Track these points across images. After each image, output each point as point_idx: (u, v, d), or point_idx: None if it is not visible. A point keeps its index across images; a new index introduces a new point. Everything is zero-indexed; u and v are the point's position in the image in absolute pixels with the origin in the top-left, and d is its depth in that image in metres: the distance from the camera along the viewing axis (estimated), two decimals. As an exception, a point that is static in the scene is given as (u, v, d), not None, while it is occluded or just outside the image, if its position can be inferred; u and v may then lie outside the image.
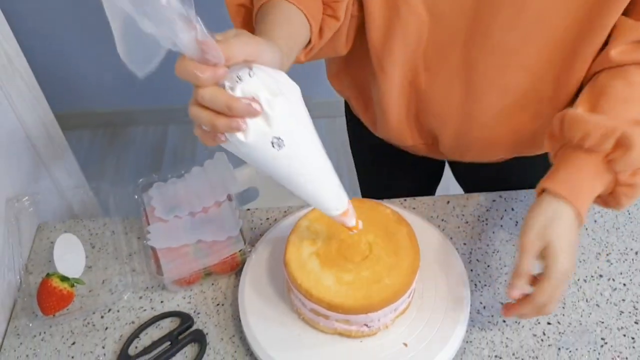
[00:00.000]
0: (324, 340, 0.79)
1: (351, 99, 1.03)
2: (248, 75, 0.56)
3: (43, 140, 1.06)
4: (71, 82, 2.45)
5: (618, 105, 0.71)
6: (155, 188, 0.97)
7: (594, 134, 0.70)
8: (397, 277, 0.76)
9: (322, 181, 0.67)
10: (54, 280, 0.84)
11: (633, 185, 0.72)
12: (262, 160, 0.60)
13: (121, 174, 2.44)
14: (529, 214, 0.73)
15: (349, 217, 0.73)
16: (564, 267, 0.69)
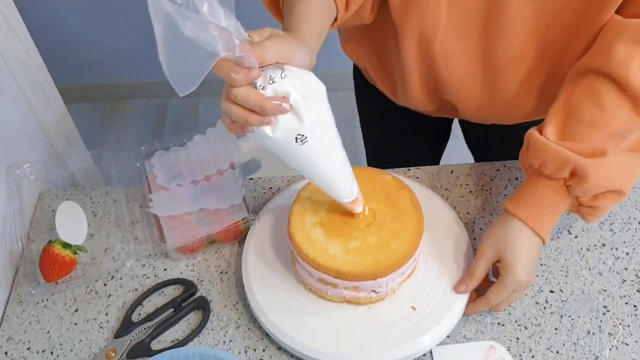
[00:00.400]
0: (331, 307, 0.79)
1: (368, 67, 1.03)
2: (280, 77, 0.60)
3: (44, 108, 1.05)
4: (70, 55, 2.42)
5: (583, 130, 0.74)
6: (157, 156, 0.97)
7: (550, 164, 0.74)
8: (403, 241, 0.76)
9: (338, 172, 0.71)
10: (56, 247, 0.84)
11: (595, 207, 0.76)
12: (284, 152, 0.65)
13: (122, 148, 2.43)
14: (491, 225, 0.80)
15: (357, 205, 0.77)
16: (519, 277, 0.75)
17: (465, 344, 0.79)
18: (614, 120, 0.72)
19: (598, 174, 0.72)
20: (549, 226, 0.77)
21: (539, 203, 0.76)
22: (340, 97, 2.55)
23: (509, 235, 0.77)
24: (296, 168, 0.68)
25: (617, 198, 0.75)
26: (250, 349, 0.79)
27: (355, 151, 2.37)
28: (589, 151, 0.72)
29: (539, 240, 0.77)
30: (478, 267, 0.79)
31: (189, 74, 0.53)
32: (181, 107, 2.56)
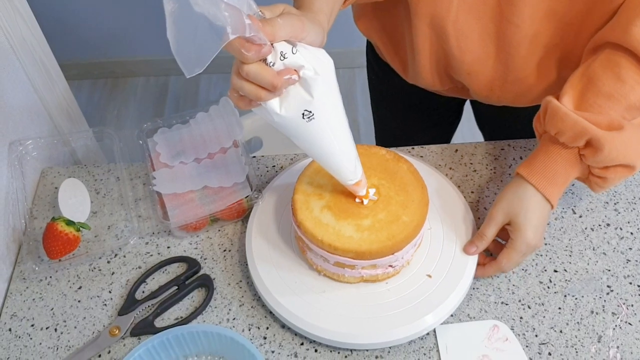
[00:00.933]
0: (333, 286, 0.79)
1: (379, 44, 1.02)
2: (291, 53, 0.59)
3: (45, 85, 1.04)
4: (71, 31, 2.40)
5: (601, 101, 0.73)
6: (160, 133, 0.96)
7: (567, 133, 0.74)
8: (413, 212, 0.77)
9: (343, 152, 0.70)
10: (59, 224, 0.84)
11: (604, 178, 0.77)
12: (290, 128, 0.64)
13: (122, 126, 2.42)
14: (503, 189, 0.81)
15: (360, 187, 0.76)
16: (528, 240, 0.77)
17: (468, 323, 0.79)
18: (632, 93, 0.72)
19: (613, 147, 0.72)
20: (559, 192, 0.78)
21: (552, 170, 0.77)
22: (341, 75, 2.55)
23: (521, 200, 0.78)
24: (301, 146, 0.68)
25: (628, 172, 0.75)
26: (254, 327, 0.80)
27: (356, 131, 2.36)
28: (606, 124, 0.72)
29: (548, 205, 0.78)
30: (489, 229, 0.80)
31: (197, 54, 0.52)
32: (182, 85, 2.55)
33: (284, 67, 0.59)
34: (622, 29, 0.72)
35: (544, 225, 0.79)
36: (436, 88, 1.00)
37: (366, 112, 2.37)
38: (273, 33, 0.57)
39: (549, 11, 0.78)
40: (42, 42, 1.02)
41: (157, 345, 0.74)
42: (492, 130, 1.16)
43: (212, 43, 0.52)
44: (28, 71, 1.00)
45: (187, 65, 0.53)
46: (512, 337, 0.78)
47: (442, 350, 0.77)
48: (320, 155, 0.70)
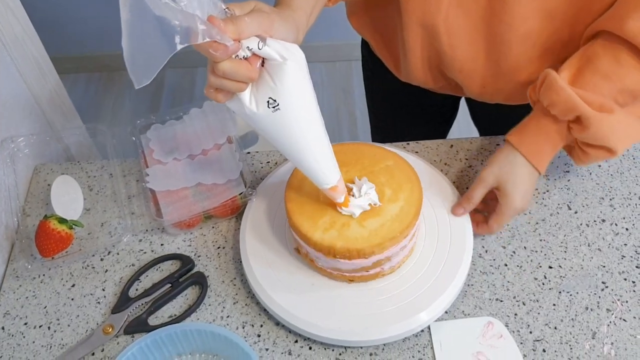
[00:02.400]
0: (328, 283, 0.79)
1: (371, 40, 1.02)
2: (257, 48, 0.60)
3: (37, 80, 1.03)
4: (65, 25, 2.39)
5: (597, 79, 0.74)
6: (153, 130, 0.96)
7: (559, 106, 0.75)
8: (408, 207, 0.76)
9: (314, 152, 0.69)
10: (52, 222, 0.83)
11: (586, 154, 0.79)
12: (257, 120, 0.64)
13: (118, 120, 2.41)
14: (494, 154, 0.83)
15: (337, 193, 0.74)
16: (515, 204, 0.80)
17: (463, 319, 0.79)
18: (629, 76, 0.73)
19: (599, 128, 0.73)
20: (547, 161, 0.81)
21: (542, 140, 0.80)
22: (338, 68, 2.54)
23: (511, 167, 0.80)
24: (270, 141, 0.67)
25: (609, 155, 0.77)
26: (248, 325, 0.79)
27: (354, 125, 2.36)
28: (598, 104, 0.73)
29: (536, 173, 0.81)
30: (476, 192, 0.82)
31: (146, 64, 0.53)
32: (178, 78, 2.54)
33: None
34: (618, 20, 0.72)
35: (531, 191, 0.82)
36: (429, 86, 0.99)
37: (363, 106, 2.36)
38: (238, 32, 0.58)
39: (541, 10, 0.77)
40: (34, 37, 1.01)
41: (150, 343, 0.73)
42: (488, 125, 1.16)
43: (161, 53, 0.53)
44: (20, 67, 0.99)
45: (136, 76, 0.53)
46: (507, 334, 0.77)
47: (436, 347, 0.76)
48: (289, 153, 0.69)
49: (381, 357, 0.76)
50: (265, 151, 0.99)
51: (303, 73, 0.64)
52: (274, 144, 0.68)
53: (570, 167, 0.94)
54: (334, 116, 2.35)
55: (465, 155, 0.96)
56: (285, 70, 0.62)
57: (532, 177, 0.81)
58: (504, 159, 0.81)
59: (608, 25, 0.74)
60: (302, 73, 0.64)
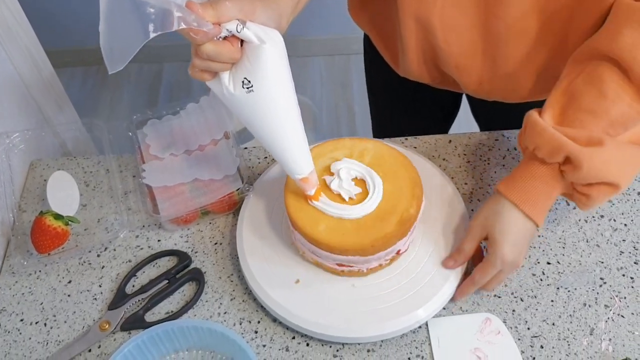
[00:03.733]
0: (326, 279, 0.79)
1: (371, 34, 1.02)
2: (236, 30, 0.62)
3: (32, 74, 1.02)
4: (62, 18, 2.38)
5: (582, 116, 0.70)
6: (150, 125, 0.95)
7: (544, 147, 0.71)
8: (407, 204, 0.75)
9: (287, 139, 0.70)
10: (47, 218, 0.83)
11: (588, 196, 0.73)
12: (232, 102, 0.66)
13: (115, 114, 2.40)
14: (483, 204, 0.79)
15: (308, 185, 0.74)
16: (504, 257, 0.74)
17: (460, 315, 0.79)
18: (614, 108, 0.69)
19: (592, 164, 0.69)
20: (542, 209, 0.75)
21: (531, 186, 0.74)
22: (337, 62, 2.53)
23: (498, 215, 0.75)
24: (246, 124, 0.69)
25: (612, 190, 0.72)
26: (245, 321, 0.79)
27: (352, 120, 2.35)
28: (585, 139, 0.69)
29: (530, 223, 0.75)
30: (466, 244, 0.78)
31: (121, 50, 0.54)
32: (176, 72, 2.53)
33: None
34: (610, 37, 0.70)
35: (523, 243, 0.76)
36: (426, 81, 0.99)
37: (362, 100, 2.36)
38: (217, 16, 0.59)
39: (536, 6, 0.76)
40: (28, 30, 1.00)
41: (147, 340, 0.73)
42: (488, 121, 1.15)
43: (135, 40, 0.54)
44: (14, 61, 0.98)
45: (111, 61, 0.55)
46: (505, 330, 0.77)
47: (434, 343, 0.76)
48: (262, 137, 0.70)
49: (379, 354, 0.76)
50: (263, 147, 0.98)
51: (280, 58, 0.65)
52: (249, 127, 0.69)
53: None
54: (333, 111, 2.34)
55: (463, 151, 0.96)
56: (261, 52, 0.63)
57: (524, 227, 0.75)
58: (490, 208, 0.77)
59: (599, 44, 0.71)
60: (280, 58, 0.65)
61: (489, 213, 0.76)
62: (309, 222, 0.75)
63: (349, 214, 0.74)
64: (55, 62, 1.09)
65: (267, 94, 0.65)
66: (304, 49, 2.49)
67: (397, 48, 0.95)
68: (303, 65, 2.49)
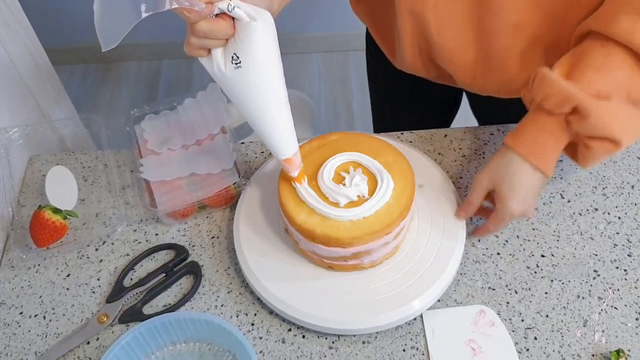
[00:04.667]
0: (322, 272, 0.80)
1: (370, 26, 1.03)
2: (227, 10, 0.63)
3: (30, 70, 1.03)
4: (61, 15, 2.38)
5: (590, 73, 0.71)
6: (147, 120, 0.96)
7: (553, 98, 0.72)
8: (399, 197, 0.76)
9: (272, 119, 0.71)
10: (46, 212, 0.83)
11: (589, 148, 0.74)
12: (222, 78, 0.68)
13: (115, 111, 2.41)
14: (491, 158, 0.80)
15: (291, 166, 0.76)
16: (511, 208, 0.77)
17: (455, 308, 0.79)
18: (621, 70, 0.70)
19: (599, 115, 0.69)
20: (551, 160, 0.76)
21: (540, 138, 0.75)
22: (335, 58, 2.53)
23: (505, 168, 0.77)
24: (234, 102, 0.70)
25: (613, 148, 0.73)
26: (242, 313, 0.80)
27: (350, 116, 2.36)
28: (594, 92, 0.70)
29: (539, 174, 0.76)
30: (474, 195, 0.81)
31: (114, 29, 0.56)
32: (175, 69, 2.54)
33: None
34: (607, 20, 0.71)
35: (533, 193, 0.77)
36: (422, 74, 0.99)
37: (361, 97, 2.36)
38: None
39: (531, 3, 0.76)
40: (27, 27, 1.01)
41: (145, 332, 0.74)
42: (486, 117, 1.16)
43: (128, 19, 0.56)
44: (12, 57, 0.99)
45: (104, 39, 0.56)
46: (499, 322, 0.78)
47: (428, 335, 0.77)
48: (249, 115, 0.71)
49: (374, 345, 0.77)
50: (259, 141, 0.99)
51: (269, 37, 0.66)
52: (236, 105, 0.70)
53: (563, 157, 0.94)
54: (331, 107, 2.34)
55: (459, 145, 0.97)
56: (251, 29, 0.64)
57: (532, 179, 0.77)
58: (498, 161, 0.78)
59: (596, 25, 0.72)
60: (269, 37, 0.66)
61: (496, 167, 0.78)
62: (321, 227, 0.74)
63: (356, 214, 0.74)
64: (55, 60, 1.10)
65: (254, 71, 0.66)
66: (302, 45, 2.49)
67: (395, 41, 0.96)
68: (301, 62, 2.50)
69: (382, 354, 0.76)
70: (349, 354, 0.76)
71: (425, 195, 0.86)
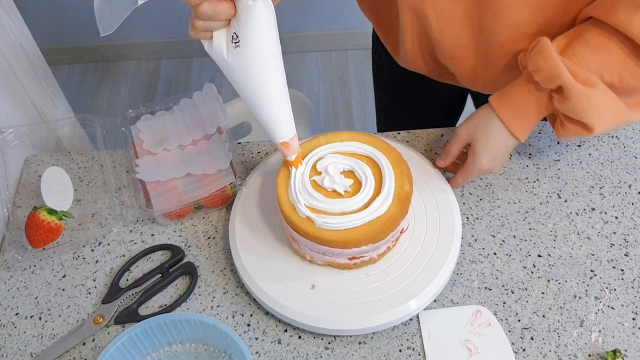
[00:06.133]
0: (318, 272, 0.79)
1: (373, 23, 1.04)
2: None
3: (26, 70, 1.03)
4: (60, 15, 2.38)
5: (585, 51, 0.73)
6: (143, 120, 0.95)
7: (543, 72, 0.74)
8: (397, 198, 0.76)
9: (270, 101, 0.71)
10: (41, 213, 0.83)
11: (564, 125, 0.78)
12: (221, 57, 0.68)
13: (113, 110, 2.40)
14: (475, 112, 0.84)
15: (288, 150, 0.76)
16: (481, 165, 0.83)
17: (451, 308, 0.79)
18: (616, 52, 0.72)
19: (578, 101, 0.73)
20: (526, 128, 0.80)
21: (522, 106, 0.79)
22: (334, 57, 2.53)
23: (484, 126, 0.81)
24: (234, 85, 0.70)
25: (585, 132, 0.77)
26: (238, 314, 0.80)
27: (349, 116, 2.35)
28: (583, 78, 0.72)
29: (513, 139, 0.81)
30: (452, 146, 0.86)
31: (111, 16, 0.57)
32: (173, 68, 2.53)
33: None
34: (606, 9, 0.72)
35: (502, 154, 0.83)
36: (424, 72, 0.99)
37: (360, 96, 2.36)
38: None
39: (531, 1, 0.76)
40: (22, 27, 1.01)
41: (140, 333, 0.74)
42: None
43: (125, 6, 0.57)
44: (8, 58, 0.98)
45: (102, 24, 0.58)
46: (495, 322, 0.78)
47: (424, 335, 0.77)
48: (247, 96, 0.71)
49: (370, 346, 0.76)
50: (256, 142, 0.99)
51: (268, 17, 0.66)
52: (236, 88, 0.70)
53: (561, 156, 0.94)
54: (330, 106, 2.34)
55: (455, 145, 0.96)
56: (249, 8, 0.64)
57: (507, 141, 0.81)
58: (480, 118, 0.82)
59: (597, 12, 0.73)
60: (268, 17, 0.66)
61: (476, 123, 0.82)
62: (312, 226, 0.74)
63: (349, 205, 0.75)
64: (53, 59, 1.10)
65: (252, 50, 0.66)
66: (301, 44, 2.49)
67: (398, 37, 0.96)
68: (300, 61, 2.50)
69: (378, 354, 0.76)
70: (345, 354, 0.76)
71: (421, 195, 0.85)
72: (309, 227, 0.74)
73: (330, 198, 0.75)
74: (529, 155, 0.94)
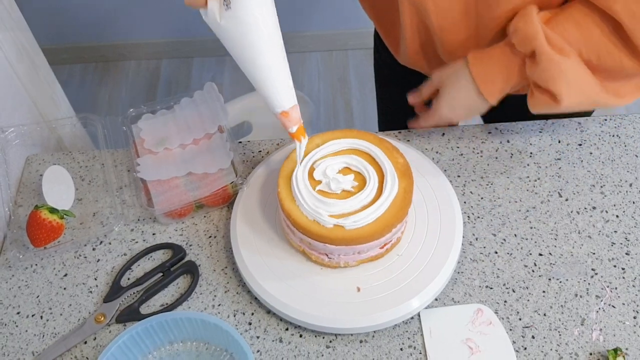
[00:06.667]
0: (319, 271, 0.79)
1: (373, 20, 1.04)
2: None
3: (27, 70, 1.03)
4: (61, 15, 2.38)
5: (568, 24, 0.74)
6: (144, 119, 0.95)
7: (519, 34, 0.75)
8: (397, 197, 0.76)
9: (267, 68, 0.69)
10: (42, 212, 0.83)
11: (533, 94, 0.79)
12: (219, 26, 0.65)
13: (114, 110, 2.40)
14: (453, 63, 0.86)
15: (289, 121, 0.74)
16: (442, 110, 0.88)
17: (452, 306, 0.79)
18: (597, 29, 0.72)
19: (548, 67, 0.73)
20: (496, 90, 0.81)
21: (496, 67, 0.80)
22: (335, 57, 2.53)
23: (456, 78, 0.84)
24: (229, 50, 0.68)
25: (552, 103, 0.77)
26: (239, 313, 0.80)
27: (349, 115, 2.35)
28: (558, 46, 0.73)
29: (481, 99, 0.83)
30: (425, 88, 0.91)
31: None
32: (174, 68, 2.53)
33: None
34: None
35: (464, 107, 0.86)
36: (424, 70, 0.99)
37: (360, 96, 2.36)
38: None
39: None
40: (23, 26, 1.01)
41: (142, 332, 0.74)
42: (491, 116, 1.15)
43: None
44: (9, 57, 0.98)
45: None
46: (496, 321, 0.78)
47: (426, 334, 0.77)
48: (243, 63, 0.68)
49: (371, 344, 0.76)
50: (257, 141, 0.99)
51: None
52: (233, 55, 0.68)
53: (562, 155, 0.94)
54: (330, 105, 2.34)
55: (456, 144, 0.96)
56: None
57: (474, 99, 0.83)
58: (455, 69, 0.84)
59: None
60: None
61: (450, 73, 0.86)
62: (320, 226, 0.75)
63: (366, 196, 0.75)
64: (54, 59, 1.10)
65: (243, 9, 0.64)
66: (301, 44, 2.49)
67: (399, 35, 0.96)
68: (301, 61, 2.50)
69: (379, 352, 0.76)
70: (347, 353, 0.76)
71: (423, 194, 0.85)
72: (340, 233, 0.73)
73: (345, 199, 0.75)
74: (530, 154, 0.94)
